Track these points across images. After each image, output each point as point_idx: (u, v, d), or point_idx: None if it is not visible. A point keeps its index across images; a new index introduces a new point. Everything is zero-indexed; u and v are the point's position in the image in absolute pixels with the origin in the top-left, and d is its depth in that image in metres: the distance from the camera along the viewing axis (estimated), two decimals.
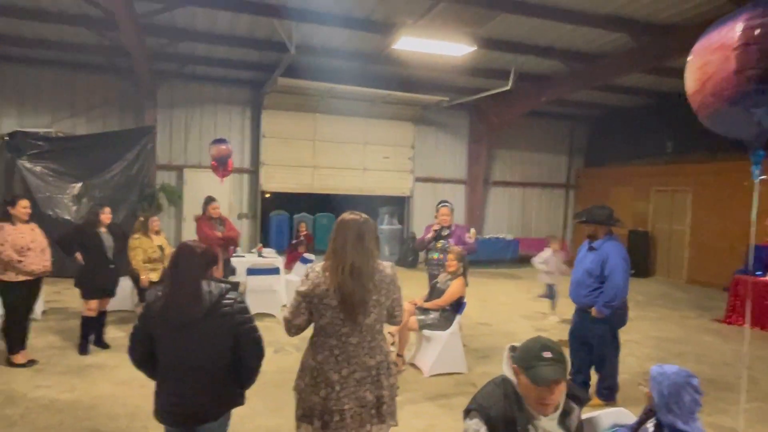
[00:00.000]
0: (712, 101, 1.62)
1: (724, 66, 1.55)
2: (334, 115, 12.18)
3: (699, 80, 1.63)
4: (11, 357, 5.13)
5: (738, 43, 1.54)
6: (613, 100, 12.59)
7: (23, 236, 4.98)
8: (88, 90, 10.75)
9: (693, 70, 1.67)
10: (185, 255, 2.52)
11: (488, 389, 2.03)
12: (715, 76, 1.58)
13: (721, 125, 1.68)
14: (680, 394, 2.22)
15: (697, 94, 1.67)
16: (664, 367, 2.33)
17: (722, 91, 1.58)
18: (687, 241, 11.89)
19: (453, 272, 5.51)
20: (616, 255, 4.46)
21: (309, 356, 2.66)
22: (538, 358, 1.89)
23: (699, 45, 1.68)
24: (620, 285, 4.41)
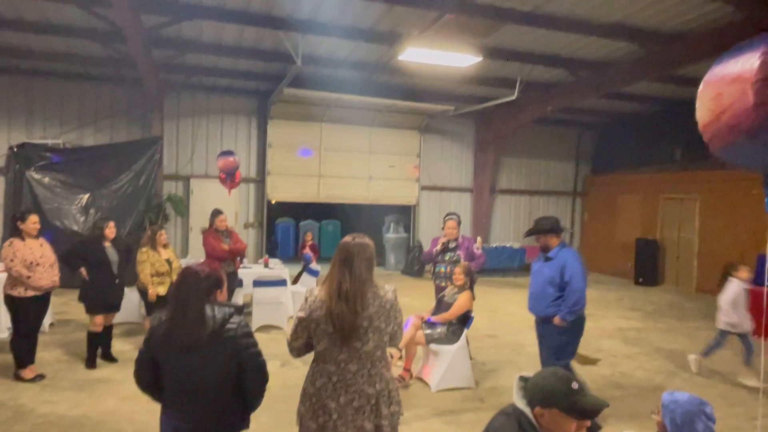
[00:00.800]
0: (728, 133, 1.60)
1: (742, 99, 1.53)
2: (339, 124, 12.20)
3: (713, 111, 1.60)
4: (19, 372, 5.14)
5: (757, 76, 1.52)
6: (621, 108, 12.54)
7: (32, 252, 5.00)
8: (95, 101, 10.83)
9: (706, 100, 1.65)
10: (189, 279, 2.51)
11: (500, 421, 1.97)
12: (731, 109, 1.56)
13: (735, 157, 1.66)
14: (694, 422, 2.20)
15: (711, 125, 1.65)
16: (676, 395, 2.29)
17: (740, 124, 1.56)
18: (695, 249, 11.78)
19: (460, 286, 5.48)
20: (573, 261, 4.45)
21: (308, 382, 2.66)
22: (571, 392, 1.86)
23: (712, 75, 1.67)
24: (582, 289, 4.38)
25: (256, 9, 7.32)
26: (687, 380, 5.88)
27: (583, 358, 6.55)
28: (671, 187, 12.42)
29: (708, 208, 11.54)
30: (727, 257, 10.85)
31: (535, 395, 1.91)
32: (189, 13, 7.30)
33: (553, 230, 4.56)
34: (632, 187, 13.47)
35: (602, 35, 7.75)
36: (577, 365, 6.31)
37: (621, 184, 13.84)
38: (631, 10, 7.02)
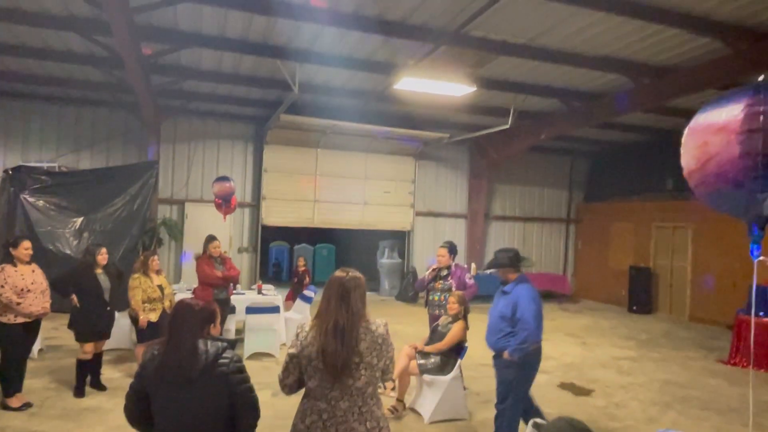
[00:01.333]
0: (714, 181, 1.64)
1: (727, 149, 1.58)
2: (335, 150, 12.31)
3: (699, 159, 1.65)
4: (6, 400, 5.05)
5: (742, 128, 1.57)
6: (614, 137, 12.71)
7: (24, 278, 4.97)
8: (92, 125, 10.89)
9: (692, 148, 1.69)
10: (183, 313, 2.51)
11: None
12: (717, 158, 1.60)
13: (720, 204, 1.70)
14: None
15: (697, 172, 1.69)
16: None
17: (726, 173, 1.60)
18: (688, 278, 11.83)
19: (454, 315, 5.47)
20: (525, 297, 4.41)
21: (298, 419, 2.63)
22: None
23: (697, 123, 1.71)
24: (531, 327, 4.33)
25: (255, 38, 7.45)
26: (682, 412, 5.84)
27: (577, 389, 6.52)
28: (664, 216, 12.52)
29: (700, 237, 11.63)
30: (720, 286, 10.93)
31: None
32: (188, 41, 7.42)
33: (512, 264, 4.55)
34: (625, 215, 13.58)
35: (593, 67, 7.92)
36: (572, 396, 6.28)
37: (614, 212, 13.94)
38: (618, 44, 7.20)
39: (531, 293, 4.44)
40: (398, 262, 13.58)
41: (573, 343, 9.02)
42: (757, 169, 1.58)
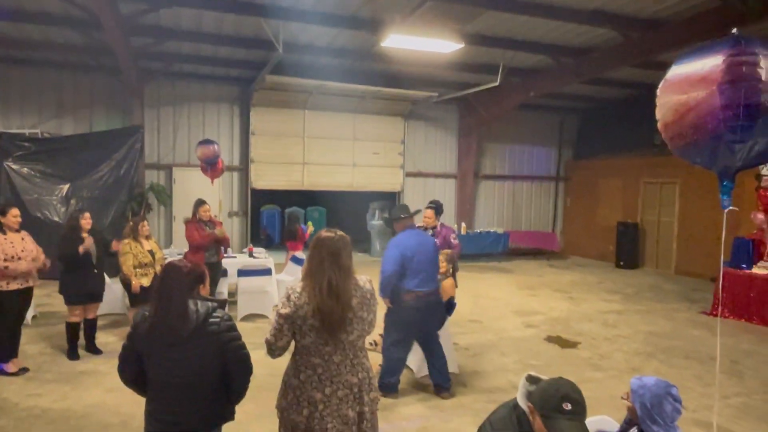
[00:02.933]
0: (691, 133, 1.65)
1: (708, 100, 1.57)
2: (323, 111, 12.15)
3: (677, 111, 1.65)
4: (3, 366, 5.12)
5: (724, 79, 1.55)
6: (603, 93, 12.64)
7: (14, 246, 4.95)
8: (74, 90, 10.64)
9: (669, 100, 1.69)
10: (172, 274, 2.53)
11: (502, 414, 2.00)
12: (696, 109, 1.60)
13: (693, 156, 1.71)
14: (662, 404, 2.28)
15: (674, 125, 1.69)
16: (644, 380, 2.37)
17: (705, 124, 1.60)
18: (675, 232, 12.02)
19: (443, 273, 5.54)
20: (390, 247, 4.75)
21: (291, 375, 2.69)
22: (557, 409, 1.84)
23: (674, 75, 1.70)
24: (384, 274, 4.64)
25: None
26: (664, 362, 6.04)
27: (563, 341, 6.70)
28: (652, 172, 12.61)
29: (688, 192, 11.76)
30: (706, 239, 11.12)
31: (534, 394, 1.94)
32: (167, 0, 7.19)
33: (387, 225, 5.08)
34: (613, 172, 13.65)
35: (582, 21, 7.79)
36: (558, 348, 6.46)
37: (602, 169, 14.01)
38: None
39: (396, 243, 4.75)
40: None
41: (560, 298, 9.22)
42: (737, 120, 1.58)
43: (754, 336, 7.19)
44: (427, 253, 4.77)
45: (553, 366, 5.70)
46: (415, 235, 4.86)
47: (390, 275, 4.61)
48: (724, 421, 4.49)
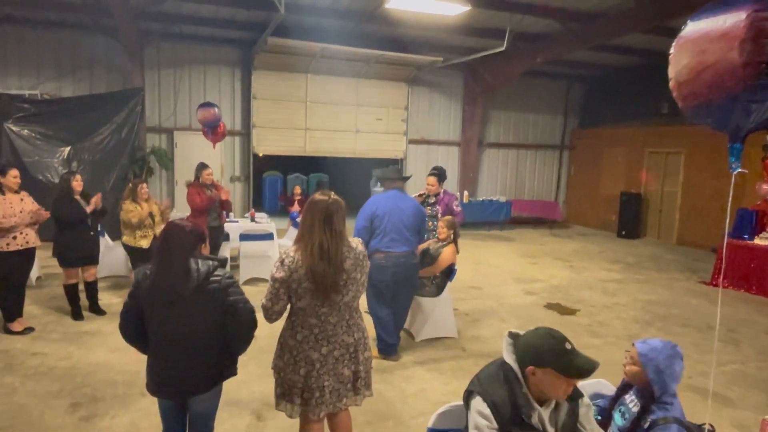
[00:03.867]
0: (707, 93, 1.58)
1: (727, 57, 1.50)
2: (325, 75, 11.95)
3: (693, 70, 1.58)
4: (8, 325, 5.19)
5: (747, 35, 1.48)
6: (611, 60, 12.38)
7: (12, 206, 4.95)
8: (73, 51, 10.45)
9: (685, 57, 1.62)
10: (173, 233, 2.53)
11: (490, 371, 2.02)
12: (715, 67, 1.53)
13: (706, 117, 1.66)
14: (673, 365, 2.30)
15: (689, 84, 1.63)
16: (650, 343, 2.36)
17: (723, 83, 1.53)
18: (678, 202, 11.97)
19: (444, 239, 5.55)
20: (366, 202, 4.88)
21: (288, 336, 2.72)
22: (564, 352, 1.88)
23: (692, 32, 1.63)
24: (355, 227, 4.74)
25: None
26: (661, 329, 6.10)
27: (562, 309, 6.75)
28: (657, 141, 12.48)
29: (692, 162, 11.66)
30: (709, 210, 11.09)
31: (528, 354, 1.94)
32: None
33: (383, 179, 5.28)
34: (618, 141, 13.51)
35: None
36: (557, 315, 6.52)
37: (607, 138, 13.86)
38: None
39: (372, 199, 4.88)
40: None
41: (561, 267, 9.25)
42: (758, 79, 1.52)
43: (752, 306, 7.23)
44: (401, 216, 4.73)
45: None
46: (395, 197, 4.83)
47: (358, 230, 4.70)
48: (719, 387, 4.55)
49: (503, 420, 1.88)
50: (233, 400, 3.91)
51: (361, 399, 2.85)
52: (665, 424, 2.22)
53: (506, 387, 1.94)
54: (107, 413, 3.79)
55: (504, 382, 1.95)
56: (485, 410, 1.88)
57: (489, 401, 1.90)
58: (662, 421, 2.23)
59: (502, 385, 1.94)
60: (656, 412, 2.27)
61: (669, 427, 2.21)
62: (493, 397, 1.91)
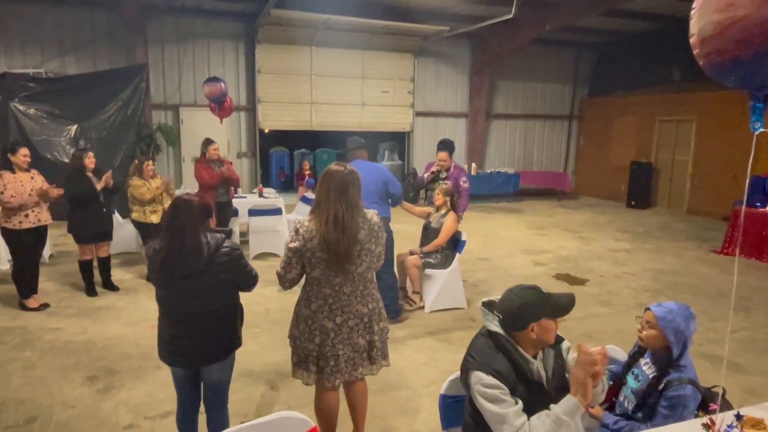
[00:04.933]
0: (733, 48, 1.51)
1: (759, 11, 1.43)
2: (330, 48, 11.79)
3: (719, 24, 1.51)
4: (24, 301, 5.28)
5: None
6: (621, 26, 12.11)
7: (23, 184, 4.97)
8: (75, 27, 10.35)
9: (711, 11, 1.55)
10: (183, 208, 2.53)
11: (480, 345, 2.04)
12: (743, 22, 1.46)
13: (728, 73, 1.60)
14: (689, 327, 2.33)
15: (714, 39, 1.55)
16: (666, 306, 2.37)
17: (751, 38, 1.47)
18: (689, 171, 11.83)
19: (440, 205, 5.46)
20: None
21: (303, 305, 2.75)
22: (548, 297, 1.98)
23: None
24: None
25: None
26: (671, 298, 6.08)
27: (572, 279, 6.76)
28: (668, 109, 12.27)
29: (704, 130, 11.47)
30: (721, 178, 10.96)
31: (522, 314, 1.95)
32: None
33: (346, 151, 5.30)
34: (628, 110, 13.30)
35: None
36: (566, 285, 6.53)
37: (617, 107, 13.65)
38: None
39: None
40: (398, 164, 13.53)
41: (570, 238, 9.22)
42: None
43: (763, 273, 7.19)
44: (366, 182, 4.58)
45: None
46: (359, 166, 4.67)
47: None
48: (730, 354, 4.56)
49: (510, 384, 1.91)
50: (247, 371, 3.97)
51: (378, 369, 2.87)
52: (680, 384, 2.25)
53: (501, 353, 1.97)
54: (124, 385, 3.87)
55: (497, 350, 1.98)
56: (492, 380, 1.90)
57: (491, 371, 1.92)
58: (677, 381, 2.26)
59: (497, 354, 1.97)
60: (671, 374, 2.30)
61: (684, 387, 2.24)
62: (494, 366, 1.94)
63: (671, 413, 2.24)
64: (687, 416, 2.23)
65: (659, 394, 2.29)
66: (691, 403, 2.25)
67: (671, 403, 2.24)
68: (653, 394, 2.31)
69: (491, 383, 1.90)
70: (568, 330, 4.87)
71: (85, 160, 5.48)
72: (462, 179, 5.85)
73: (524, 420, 1.84)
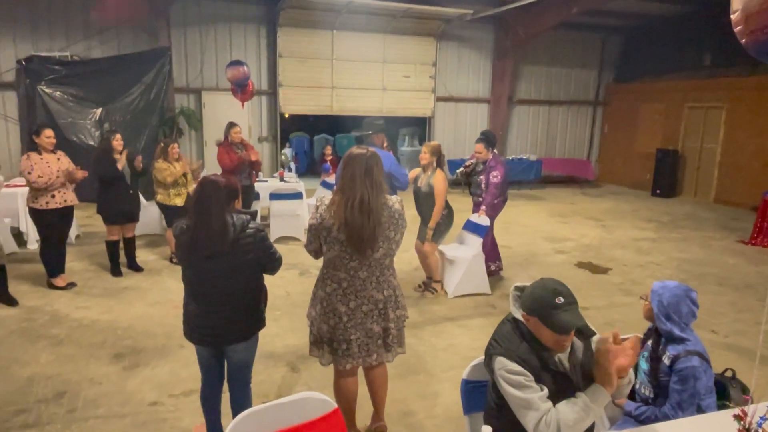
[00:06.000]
0: None
1: None
2: (352, 32, 11.70)
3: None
4: (52, 280, 5.40)
5: None
6: (650, 9, 11.76)
7: (49, 165, 5.06)
8: (100, 10, 10.41)
9: None
10: (209, 189, 2.55)
11: (505, 331, 2.01)
12: None
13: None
14: (679, 304, 2.37)
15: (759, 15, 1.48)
16: (666, 282, 2.47)
17: None
18: (717, 159, 11.53)
19: (426, 166, 5.20)
20: None
21: (319, 287, 2.78)
22: (552, 306, 1.85)
23: None
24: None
25: None
26: (697, 287, 5.92)
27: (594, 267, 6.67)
28: (697, 95, 11.94)
29: (734, 118, 11.15)
30: (750, 167, 10.67)
31: (525, 301, 1.95)
32: None
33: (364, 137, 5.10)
34: (656, 96, 12.98)
35: None
36: (589, 274, 6.45)
37: (644, 93, 13.32)
38: None
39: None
40: (419, 149, 13.42)
41: (592, 226, 9.09)
42: None
43: None
44: None
45: (582, 290, 5.69)
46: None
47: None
48: (756, 346, 4.46)
49: (534, 370, 1.89)
50: (268, 353, 4.02)
51: (393, 356, 2.87)
52: (687, 357, 2.29)
53: (525, 341, 1.94)
54: (148, 363, 3.94)
55: (521, 337, 1.95)
56: (516, 367, 1.88)
57: (516, 358, 1.90)
58: (684, 354, 2.30)
59: (521, 341, 1.95)
60: (676, 347, 2.34)
61: (691, 358, 2.28)
62: (518, 353, 1.91)
63: (683, 386, 2.28)
64: (700, 389, 2.27)
65: (668, 370, 2.33)
66: (702, 374, 2.28)
67: (680, 376, 2.29)
68: (662, 371, 2.36)
69: (515, 369, 1.88)
70: (590, 319, 4.80)
71: (113, 142, 5.59)
72: (492, 174, 5.54)
73: (549, 406, 1.82)
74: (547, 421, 1.79)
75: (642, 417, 2.39)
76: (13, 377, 3.69)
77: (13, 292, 5.08)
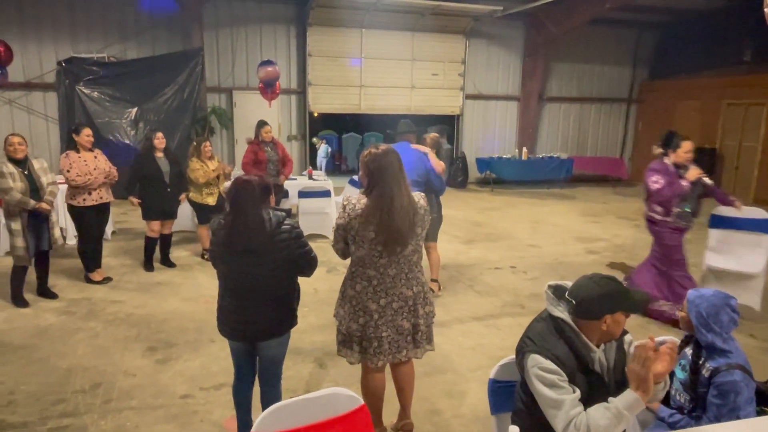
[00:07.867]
0: None
1: None
2: (380, 30, 11.71)
3: None
4: (89, 275, 5.58)
5: None
6: (687, 3, 11.44)
7: (87, 164, 5.22)
8: (135, 12, 10.70)
9: None
10: (245, 187, 2.60)
11: (539, 329, 1.97)
12: None
13: None
14: (719, 314, 2.25)
15: None
16: (702, 291, 2.34)
17: None
18: (758, 158, 11.14)
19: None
20: None
21: (348, 286, 2.78)
22: (627, 292, 1.92)
23: None
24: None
25: None
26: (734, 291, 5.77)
27: None
28: (736, 92, 11.55)
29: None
30: None
31: (600, 304, 1.88)
32: None
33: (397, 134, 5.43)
34: (693, 93, 12.61)
35: None
36: (621, 275, 6.30)
37: (681, 90, 12.95)
38: None
39: None
40: (447, 147, 13.34)
41: (625, 226, 8.89)
42: None
43: None
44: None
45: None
46: (399, 146, 4.44)
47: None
48: None
49: (568, 371, 1.85)
50: (295, 349, 4.05)
51: (422, 352, 2.87)
52: (728, 370, 2.17)
53: (562, 340, 1.90)
54: (180, 357, 4.04)
55: (558, 336, 1.91)
56: (550, 365, 1.84)
57: (550, 356, 1.86)
58: (725, 367, 2.18)
59: (558, 339, 1.91)
60: (717, 360, 2.22)
61: (732, 372, 2.16)
62: (554, 351, 1.88)
63: (723, 401, 2.16)
64: (741, 404, 2.14)
65: (707, 382, 2.22)
66: (744, 389, 2.16)
67: (720, 390, 2.17)
68: (700, 383, 2.25)
69: (549, 368, 1.84)
70: None
71: (154, 141, 5.77)
72: (652, 179, 4.96)
73: (580, 410, 1.78)
74: (576, 424, 1.75)
75: (676, 426, 2.31)
76: (52, 368, 3.82)
77: (53, 286, 5.27)
